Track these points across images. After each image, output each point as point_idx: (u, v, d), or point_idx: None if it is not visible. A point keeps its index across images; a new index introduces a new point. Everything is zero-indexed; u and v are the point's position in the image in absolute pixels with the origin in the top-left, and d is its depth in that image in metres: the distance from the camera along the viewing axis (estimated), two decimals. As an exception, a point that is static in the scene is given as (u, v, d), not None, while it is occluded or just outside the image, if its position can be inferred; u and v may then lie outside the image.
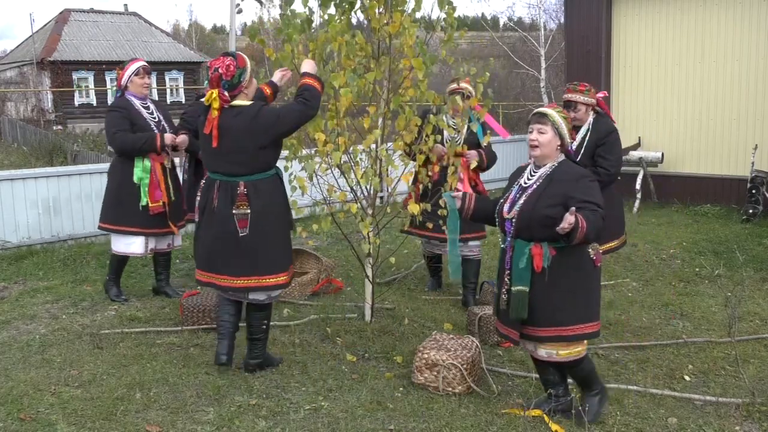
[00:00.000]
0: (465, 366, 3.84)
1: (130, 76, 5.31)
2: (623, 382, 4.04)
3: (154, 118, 5.42)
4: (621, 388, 3.91)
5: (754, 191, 8.59)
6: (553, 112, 3.43)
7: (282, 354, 4.44)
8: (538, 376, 4.03)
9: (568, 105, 4.78)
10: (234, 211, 3.89)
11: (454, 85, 5.11)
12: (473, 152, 5.17)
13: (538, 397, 3.73)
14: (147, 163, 5.26)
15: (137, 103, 5.37)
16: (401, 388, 3.95)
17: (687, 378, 4.11)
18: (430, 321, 5.10)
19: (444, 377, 3.85)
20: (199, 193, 4.10)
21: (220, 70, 3.78)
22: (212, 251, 4.01)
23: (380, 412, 3.64)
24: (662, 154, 9.60)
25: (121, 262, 5.66)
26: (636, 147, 10.06)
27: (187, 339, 4.75)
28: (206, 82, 4.14)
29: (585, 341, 3.52)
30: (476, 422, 3.54)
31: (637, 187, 9.51)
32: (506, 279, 3.46)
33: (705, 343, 4.64)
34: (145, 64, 5.45)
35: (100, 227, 5.64)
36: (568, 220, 3.07)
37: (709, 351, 4.50)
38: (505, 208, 3.49)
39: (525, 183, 3.48)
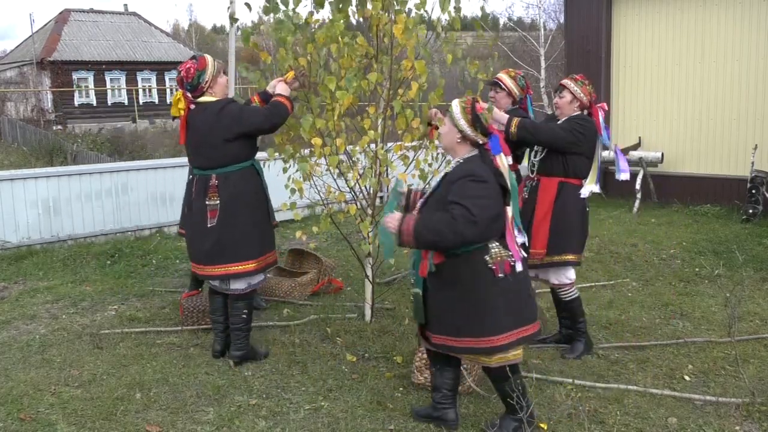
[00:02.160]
0: (465, 366, 3.83)
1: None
2: (623, 382, 4.03)
3: None
4: (621, 388, 3.91)
5: (754, 191, 8.58)
6: (453, 103, 3.26)
7: (282, 354, 4.44)
8: (537, 376, 4.04)
9: (557, 89, 4.59)
10: (206, 203, 4.09)
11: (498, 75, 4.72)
12: (435, 110, 4.59)
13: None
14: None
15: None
16: (401, 388, 3.95)
17: (687, 378, 4.11)
18: (430, 321, 5.09)
19: (444, 377, 3.84)
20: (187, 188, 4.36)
21: (182, 73, 4.04)
22: (193, 242, 4.22)
23: (380, 412, 3.64)
24: (662, 154, 9.59)
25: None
26: (636, 147, 10.06)
27: (187, 339, 4.75)
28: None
29: (512, 350, 3.24)
30: (476, 422, 3.53)
31: (637, 187, 9.50)
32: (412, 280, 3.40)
33: (705, 343, 4.63)
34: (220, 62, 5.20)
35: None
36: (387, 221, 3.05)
37: (709, 351, 4.50)
38: (418, 205, 3.37)
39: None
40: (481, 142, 3.23)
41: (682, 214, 9.08)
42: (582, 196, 4.35)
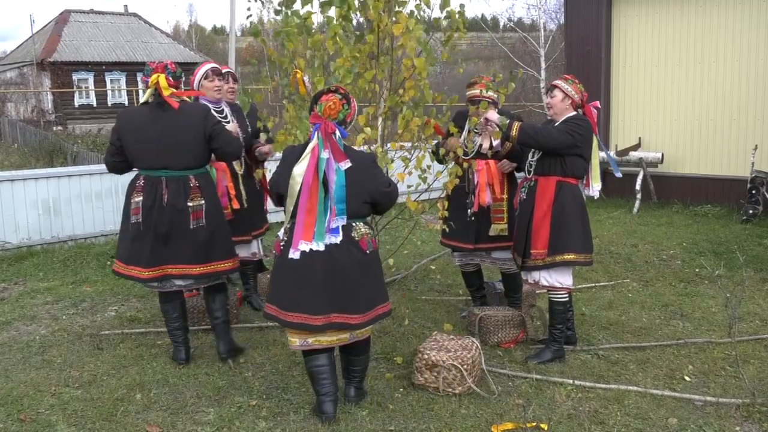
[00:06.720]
0: (465, 367, 3.84)
1: (200, 81, 4.82)
2: (623, 382, 4.04)
3: (228, 123, 4.90)
4: (621, 388, 3.91)
5: (754, 191, 8.58)
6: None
7: (282, 355, 4.44)
8: (537, 377, 4.04)
9: (548, 90, 4.62)
10: (189, 204, 4.08)
11: (475, 91, 4.77)
12: (494, 115, 4.47)
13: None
14: (213, 170, 4.83)
15: (210, 107, 4.75)
16: (401, 389, 3.95)
17: (687, 378, 4.11)
18: (430, 321, 5.10)
19: (444, 378, 3.84)
20: (135, 192, 4.18)
21: (165, 62, 4.13)
22: (166, 244, 4.08)
23: (380, 412, 3.64)
24: (662, 155, 9.59)
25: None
26: (636, 147, 10.06)
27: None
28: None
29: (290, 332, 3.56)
30: (476, 423, 3.54)
31: (637, 187, 9.51)
32: None
33: (705, 343, 4.63)
34: (215, 65, 4.92)
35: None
36: None
37: (709, 351, 4.50)
38: None
39: None
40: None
41: (682, 215, 9.08)
42: (596, 197, 4.52)
